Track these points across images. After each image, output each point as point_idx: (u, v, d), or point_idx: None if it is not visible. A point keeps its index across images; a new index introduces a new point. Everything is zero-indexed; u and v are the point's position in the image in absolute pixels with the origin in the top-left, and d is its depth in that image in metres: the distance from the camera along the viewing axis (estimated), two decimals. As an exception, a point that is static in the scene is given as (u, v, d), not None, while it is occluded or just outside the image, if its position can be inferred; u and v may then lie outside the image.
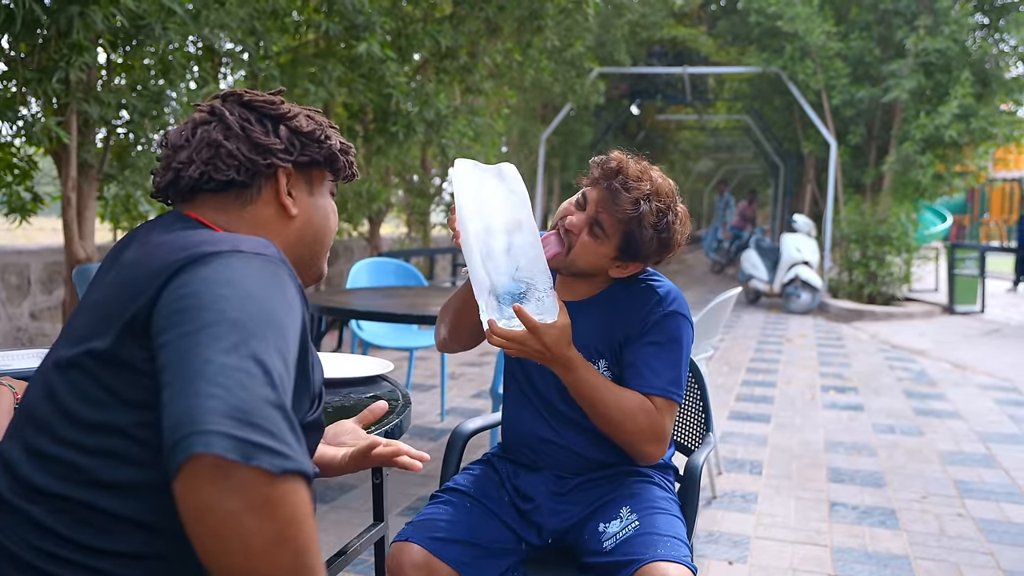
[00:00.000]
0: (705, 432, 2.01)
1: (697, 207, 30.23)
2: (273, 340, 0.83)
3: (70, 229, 4.16)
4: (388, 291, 4.05)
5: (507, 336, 1.46)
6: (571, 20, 7.54)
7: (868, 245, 10.14)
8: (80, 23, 3.44)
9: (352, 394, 1.82)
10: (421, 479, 3.47)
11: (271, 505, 0.74)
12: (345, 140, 1.19)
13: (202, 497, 0.73)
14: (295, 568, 0.76)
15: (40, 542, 0.88)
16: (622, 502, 1.62)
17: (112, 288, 0.96)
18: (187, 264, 0.90)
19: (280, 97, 1.15)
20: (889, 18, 10.86)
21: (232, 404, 0.75)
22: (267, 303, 0.87)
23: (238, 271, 0.89)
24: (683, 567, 1.43)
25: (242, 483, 0.73)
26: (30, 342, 5.18)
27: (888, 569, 2.74)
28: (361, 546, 1.72)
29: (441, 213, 9.40)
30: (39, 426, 0.93)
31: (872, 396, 5.47)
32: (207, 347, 0.80)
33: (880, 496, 3.47)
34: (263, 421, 0.75)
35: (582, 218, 1.59)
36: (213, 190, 1.09)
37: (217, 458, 0.73)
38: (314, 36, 5.91)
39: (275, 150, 1.09)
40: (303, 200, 1.14)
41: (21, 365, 1.62)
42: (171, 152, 1.10)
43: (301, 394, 0.96)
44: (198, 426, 0.74)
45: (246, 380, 0.78)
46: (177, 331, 0.84)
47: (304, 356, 0.96)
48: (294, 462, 0.76)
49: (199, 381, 0.77)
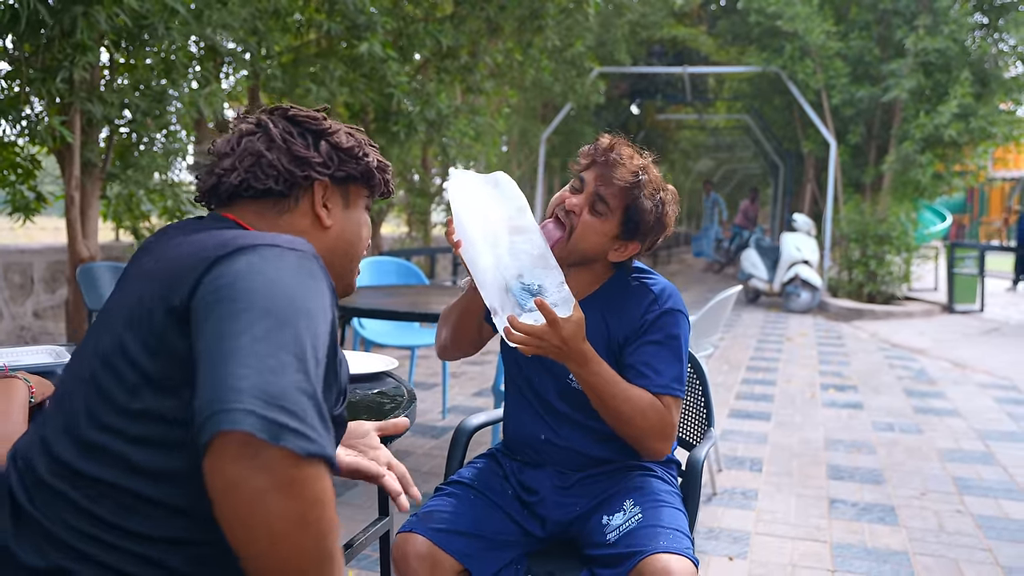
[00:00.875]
0: (706, 427, 2.03)
1: (697, 207, 30.27)
2: (305, 330, 0.86)
3: (73, 228, 4.18)
4: (390, 290, 4.07)
5: (528, 331, 1.46)
6: (571, 20, 7.57)
7: (868, 244, 10.16)
8: (84, 23, 3.47)
9: (358, 390, 1.84)
10: (424, 476, 3.50)
11: (296, 485, 0.76)
12: (383, 159, 1.23)
13: (229, 474, 0.75)
14: (316, 551, 0.78)
15: (79, 523, 0.90)
16: (626, 495, 1.64)
17: (152, 279, 0.98)
18: (224, 256, 0.93)
19: (323, 113, 1.20)
20: (889, 18, 10.88)
21: (261, 386, 0.78)
22: (301, 295, 0.90)
23: (274, 263, 0.92)
24: (685, 559, 1.45)
25: (269, 462, 0.75)
26: (34, 340, 5.20)
27: (887, 565, 2.76)
28: (367, 540, 1.74)
29: (442, 212, 9.42)
30: (80, 412, 0.95)
31: (872, 394, 5.49)
32: (240, 333, 0.83)
33: (879, 493, 3.49)
34: (291, 404, 0.78)
35: (582, 198, 1.62)
36: (252, 197, 1.13)
37: (245, 435, 0.75)
38: (316, 36, 5.94)
39: (314, 163, 1.14)
40: (337, 213, 1.18)
41: (31, 361, 1.64)
42: (216, 159, 1.15)
43: (329, 387, 0.99)
44: (227, 404, 0.76)
45: (276, 365, 0.80)
46: (213, 318, 0.87)
47: (334, 350, 0.99)
48: (319, 446, 0.78)
49: (230, 363, 0.80)
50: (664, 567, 1.43)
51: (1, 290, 5.09)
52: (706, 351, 3.52)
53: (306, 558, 0.78)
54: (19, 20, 3.32)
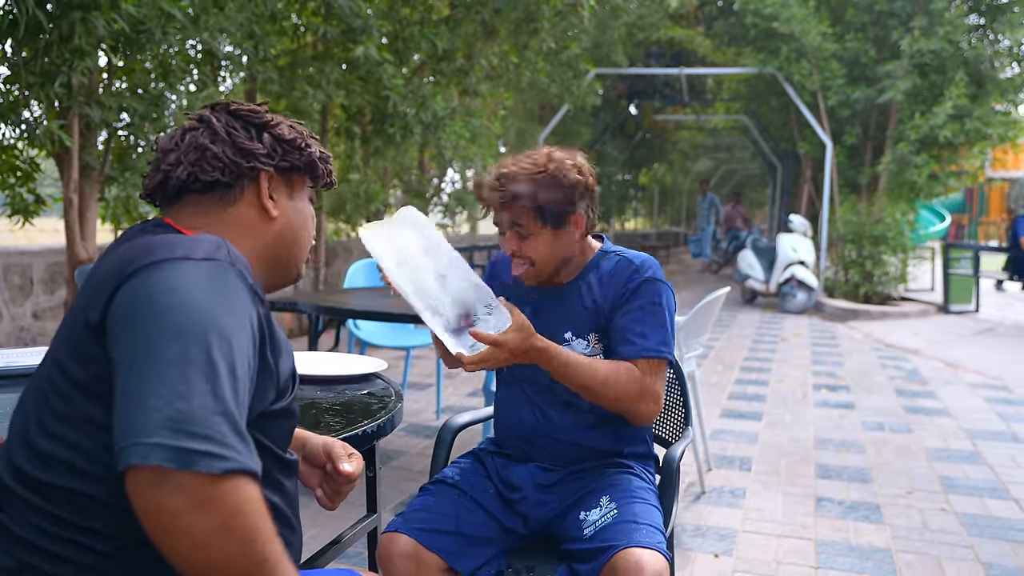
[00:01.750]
0: (684, 426, 2.09)
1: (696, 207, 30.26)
2: (217, 346, 0.89)
3: (72, 230, 4.22)
4: (385, 291, 4.11)
5: (479, 360, 1.55)
6: (567, 22, 7.61)
7: (864, 245, 10.20)
8: (82, 28, 3.51)
9: (347, 391, 1.89)
10: (414, 475, 3.54)
11: (211, 501, 0.82)
12: (325, 150, 1.26)
13: (147, 500, 0.82)
14: (244, 554, 0.84)
15: (41, 524, 0.97)
16: (602, 492, 1.69)
17: (82, 292, 1.04)
18: (136, 271, 0.96)
19: (264, 107, 1.23)
20: (884, 19, 10.92)
21: (169, 415, 0.83)
22: (211, 309, 0.92)
23: (183, 279, 0.95)
24: (656, 553, 1.50)
25: (181, 486, 0.81)
26: (32, 341, 5.25)
27: (870, 562, 2.81)
28: (354, 536, 1.79)
29: (439, 214, 9.46)
30: (32, 420, 1.01)
31: (863, 394, 5.54)
32: (150, 358, 0.87)
33: (866, 491, 3.54)
34: (202, 428, 0.83)
35: (511, 236, 1.69)
36: (199, 191, 1.15)
37: (155, 468, 0.81)
38: (312, 39, 5.98)
39: (258, 154, 1.16)
40: (283, 203, 1.21)
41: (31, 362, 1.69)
42: (161, 155, 1.17)
43: (264, 386, 1.03)
44: (138, 437, 0.82)
45: (185, 390, 0.85)
46: (125, 337, 0.92)
47: (263, 350, 1.02)
48: (235, 462, 0.83)
49: (142, 391, 0.85)
50: (636, 561, 1.47)
51: (1, 291, 5.14)
52: (695, 351, 3.57)
53: (234, 564, 0.83)
54: (18, 25, 3.36)
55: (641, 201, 23.65)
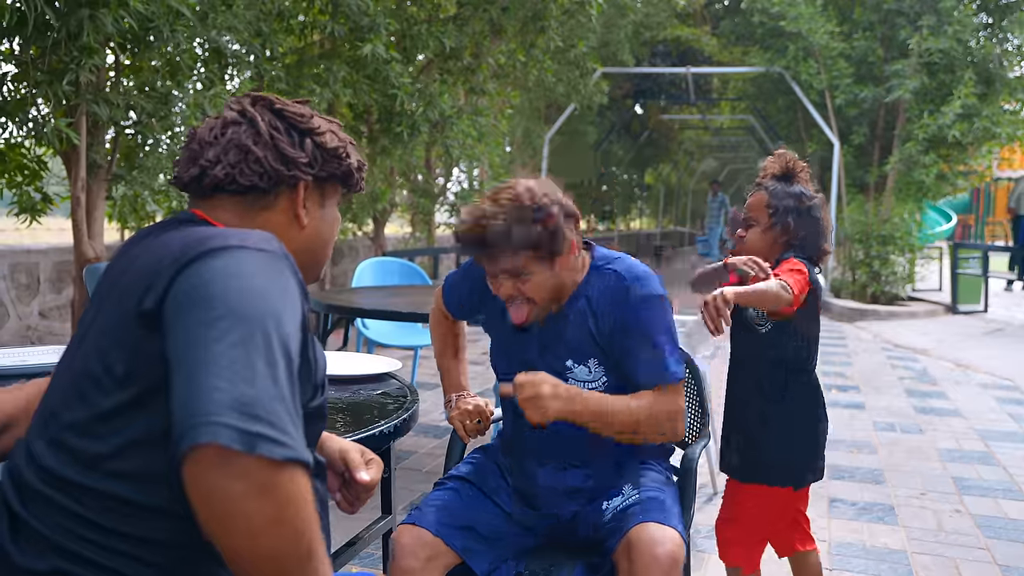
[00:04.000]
0: (701, 426, 2.06)
1: (701, 207, 30.24)
2: (276, 333, 0.88)
3: (79, 229, 4.21)
4: (393, 290, 4.10)
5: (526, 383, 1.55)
6: (574, 21, 7.58)
7: (871, 245, 10.16)
8: (90, 26, 3.49)
9: (362, 391, 1.86)
10: (426, 476, 3.52)
11: (271, 488, 0.80)
12: (361, 158, 1.23)
13: (207, 482, 0.79)
14: (295, 545, 0.82)
15: (70, 526, 0.93)
16: (625, 482, 1.69)
17: (125, 284, 1.00)
18: (196, 258, 0.94)
19: (308, 108, 1.19)
20: (892, 18, 10.87)
21: (236, 396, 0.81)
22: (271, 297, 0.91)
23: (244, 265, 0.93)
24: (670, 529, 1.49)
25: (244, 469, 0.79)
26: (39, 340, 5.24)
27: (885, 564, 2.78)
28: (369, 537, 1.77)
29: (445, 213, 9.44)
30: (63, 420, 0.97)
31: (873, 395, 5.50)
32: (213, 341, 0.85)
33: (879, 493, 3.51)
34: (265, 413, 0.81)
35: (507, 280, 1.60)
36: (232, 192, 1.12)
37: (221, 447, 0.78)
38: (319, 37, 5.96)
39: (300, 163, 1.13)
40: (314, 212, 1.19)
41: (39, 361, 1.66)
42: (198, 148, 1.13)
43: (304, 382, 1.01)
44: (204, 417, 0.80)
45: (249, 374, 0.83)
46: (185, 322, 0.89)
47: (306, 346, 1.00)
48: (294, 451, 0.81)
49: (206, 373, 0.83)
50: (651, 535, 1.47)
51: (8, 290, 5.13)
52: (707, 352, 3.54)
53: (285, 555, 0.81)
54: (26, 23, 3.35)
55: (646, 201, 23.61)
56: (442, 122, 6.13)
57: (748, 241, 2.03)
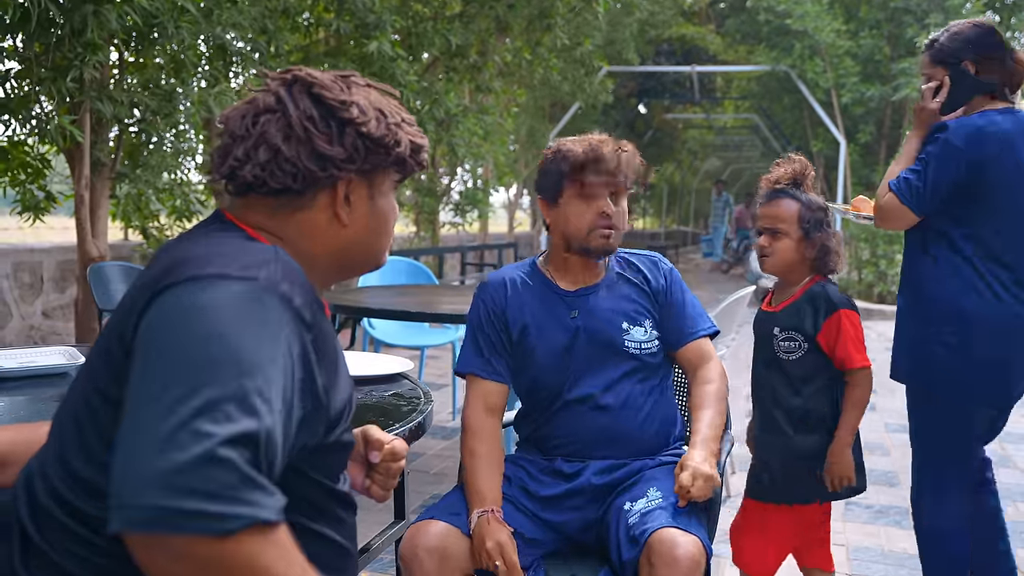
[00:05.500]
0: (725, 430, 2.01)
1: (705, 207, 30.20)
2: (235, 383, 0.79)
3: (83, 227, 4.17)
4: (400, 289, 4.06)
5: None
6: (580, 19, 7.54)
7: (878, 244, 10.11)
8: (94, 22, 3.45)
9: (373, 392, 1.82)
10: (434, 477, 3.48)
11: (215, 562, 0.73)
12: (417, 137, 1.10)
13: (150, 563, 0.74)
14: None
15: (79, 551, 0.90)
16: (649, 484, 1.66)
17: (127, 298, 0.96)
18: (167, 287, 0.88)
19: (353, 88, 1.06)
20: (899, 16, 10.83)
21: (166, 469, 0.72)
22: (237, 340, 0.82)
23: (214, 299, 0.85)
24: (692, 536, 1.46)
25: (181, 551, 0.72)
26: (43, 340, 5.20)
27: (904, 569, 2.73)
28: (383, 544, 1.72)
29: (450, 212, 9.41)
30: (71, 442, 0.93)
31: (884, 395, 5.44)
32: (158, 397, 0.78)
33: (894, 495, 3.46)
34: (201, 484, 0.72)
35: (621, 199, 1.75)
36: (265, 194, 1.03)
37: (148, 534, 0.72)
38: (325, 35, 5.93)
39: (337, 160, 1.02)
40: (360, 206, 1.07)
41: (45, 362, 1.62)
42: (230, 140, 1.03)
43: (309, 420, 0.93)
44: (129, 498, 0.73)
45: (187, 439, 0.74)
46: (137, 365, 0.83)
47: (309, 381, 0.91)
48: (241, 519, 0.73)
49: (141, 434, 0.76)
50: (672, 540, 1.45)
51: (11, 289, 5.09)
52: (718, 352, 3.49)
53: None
54: (30, 19, 3.30)
55: (650, 200, 23.57)
56: (448, 120, 6.09)
57: (777, 253, 2.00)
